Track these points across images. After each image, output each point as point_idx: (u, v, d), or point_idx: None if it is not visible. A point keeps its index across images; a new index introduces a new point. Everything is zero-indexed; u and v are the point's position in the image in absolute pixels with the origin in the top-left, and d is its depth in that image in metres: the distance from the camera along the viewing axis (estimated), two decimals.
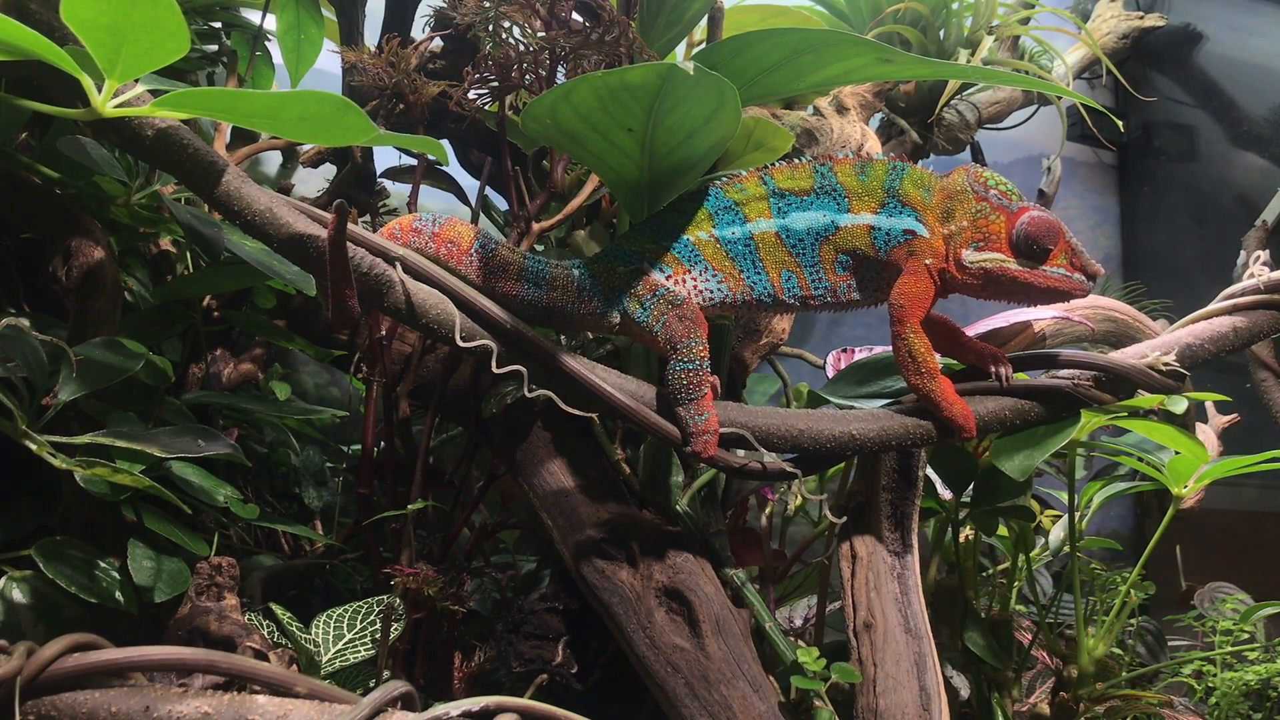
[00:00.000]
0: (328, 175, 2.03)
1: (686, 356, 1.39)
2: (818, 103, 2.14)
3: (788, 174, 1.50)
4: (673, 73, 1.25)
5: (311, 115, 1.18)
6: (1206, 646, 2.38)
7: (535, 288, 1.46)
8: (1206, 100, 3.61)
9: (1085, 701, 1.79)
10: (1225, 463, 1.70)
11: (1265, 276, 1.63)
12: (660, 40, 1.79)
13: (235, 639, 1.41)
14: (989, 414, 1.53)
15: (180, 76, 1.82)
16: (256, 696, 1.11)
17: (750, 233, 1.48)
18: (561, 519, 1.67)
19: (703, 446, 1.40)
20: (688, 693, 1.50)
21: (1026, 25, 2.92)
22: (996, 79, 1.72)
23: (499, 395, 1.71)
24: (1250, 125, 3.46)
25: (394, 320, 1.80)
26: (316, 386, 2.45)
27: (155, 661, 1.13)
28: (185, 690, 1.12)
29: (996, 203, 1.46)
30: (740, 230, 1.49)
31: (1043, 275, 1.45)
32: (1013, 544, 2.01)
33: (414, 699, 1.13)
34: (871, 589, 1.61)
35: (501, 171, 1.85)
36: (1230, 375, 2.87)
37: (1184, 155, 3.67)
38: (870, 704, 1.53)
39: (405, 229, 1.44)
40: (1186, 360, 1.56)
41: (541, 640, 1.69)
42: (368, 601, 1.68)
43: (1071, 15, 3.23)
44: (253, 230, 1.30)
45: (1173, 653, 2.37)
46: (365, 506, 1.81)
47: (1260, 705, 2.29)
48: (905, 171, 1.48)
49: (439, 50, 1.94)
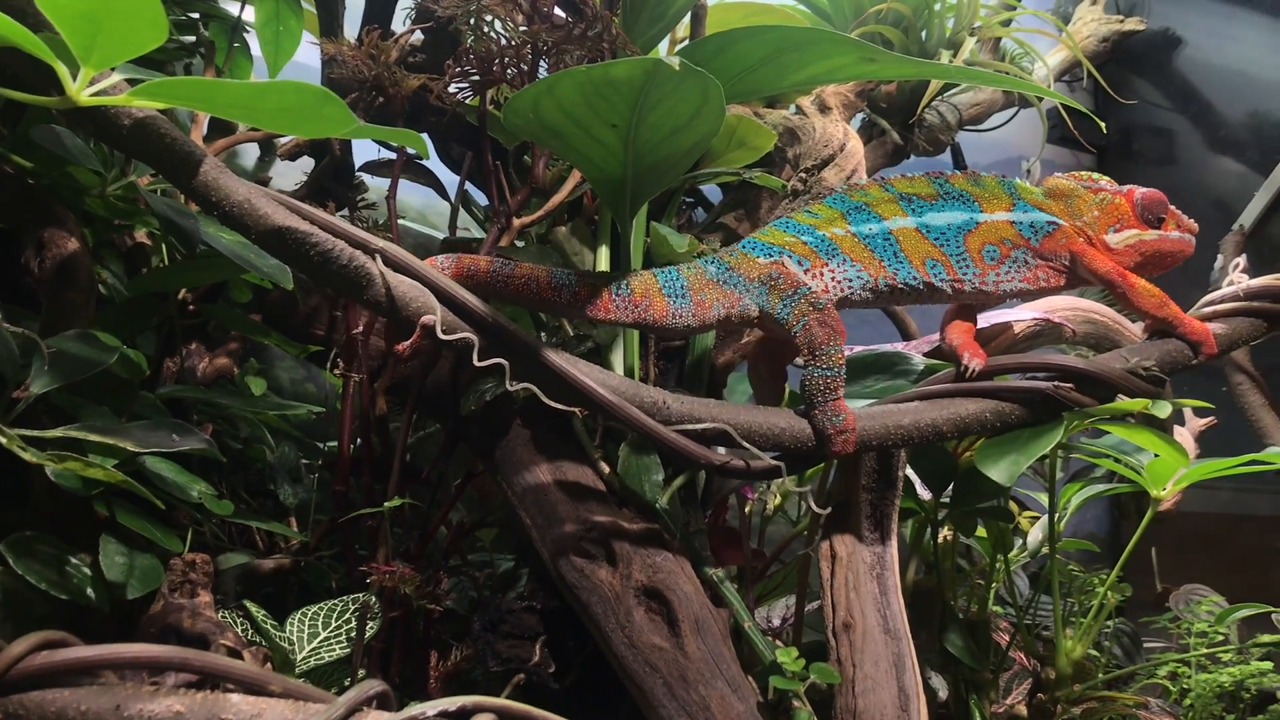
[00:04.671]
0: (305, 168, 2.01)
1: (825, 362, 1.42)
2: (800, 102, 2.13)
3: (906, 183, 1.59)
4: (658, 68, 1.24)
5: (290, 106, 1.16)
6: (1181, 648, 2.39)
7: (682, 300, 1.47)
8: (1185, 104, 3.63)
9: (1062, 703, 1.79)
10: (1204, 465, 1.71)
11: (1245, 284, 1.64)
12: (643, 36, 1.78)
13: (209, 637, 1.39)
14: (970, 416, 1.53)
15: (157, 67, 1.79)
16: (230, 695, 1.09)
17: (888, 229, 1.56)
18: (540, 517, 1.66)
19: (843, 446, 1.45)
20: (666, 692, 1.49)
21: (1008, 27, 2.93)
22: (979, 79, 1.72)
23: (478, 392, 1.70)
24: (1228, 130, 3.48)
25: (372, 314, 1.79)
26: (292, 382, 2.43)
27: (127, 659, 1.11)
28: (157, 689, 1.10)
29: (1110, 188, 1.62)
30: (878, 226, 1.56)
31: (1170, 240, 1.61)
32: (991, 545, 2.01)
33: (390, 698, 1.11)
34: (851, 589, 1.61)
35: (482, 166, 1.84)
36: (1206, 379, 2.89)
37: (1162, 159, 3.69)
38: (849, 704, 1.53)
39: (607, 298, 1.45)
40: (1166, 366, 1.57)
41: (519, 639, 1.68)
42: (343, 599, 1.67)
43: (1053, 17, 3.24)
44: (230, 222, 1.28)
45: (1148, 654, 2.37)
46: (341, 504, 1.80)
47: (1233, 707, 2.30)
48: (1015, 182, 1.62)
49: (420, 43, 1.92)
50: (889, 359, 1.77)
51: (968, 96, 2.96)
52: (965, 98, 2.95)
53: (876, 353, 1.79)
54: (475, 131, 1.85)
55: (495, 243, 1.79)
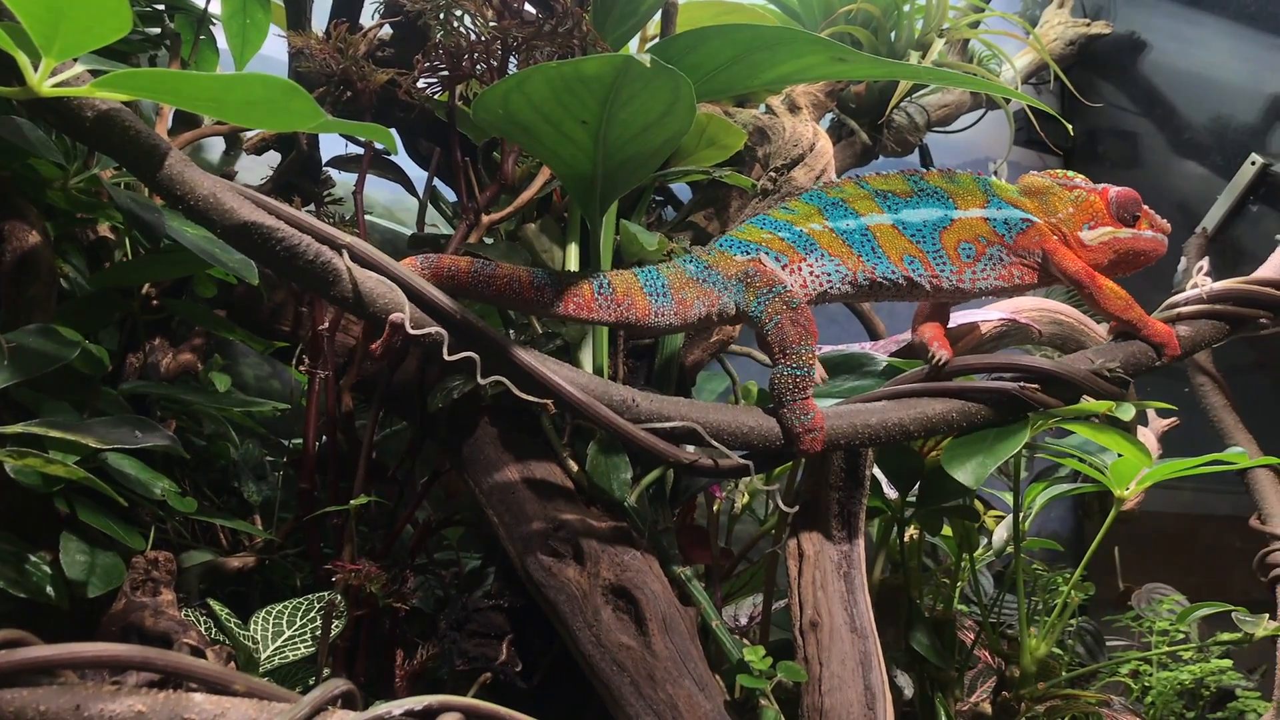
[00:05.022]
0: (272, 163, 1.99)
1: (796, 361, 1.43)
2: (770, 101, 2.13)
3: (882, 180, 1.60)
4: (629, 65, 1.24)
5: (257, 99, 1.15)
6: (1143, 646, 2.42)
7: (664, 299, 1.47)
8: (1149, 108, 3.66)
9: (1027, 701, 1.81)
10: (1167, 465, 1.72)
11: (1209, 287, 1.66)
12: (614, 33, 1.78)
13: (171, 635, 1.37)
14: (937, 416, 1.54)
15: (121, 58, 1.77)
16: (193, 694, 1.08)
17: (865, 225, 1.56)
18: (508, 516, 1.65)
19: (811, 444, 1.45)
20: (633, 691, 1.49)
21: (976, 29, 2.94)
22: (949, 80, 1.73)
23: (445, 390, 1.69)
24: (1191, 134, 3.52)
25: (338, 310, 1.77)
26: (257, 378, 2.41)
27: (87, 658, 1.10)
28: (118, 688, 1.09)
29: (1085, 186, 1.64)
30: (855, 222, 1.56)
31: (1144, 239, 1.63)
32: (957, 544, 2.02)
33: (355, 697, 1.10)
34: (818, 587, 1.61)
35: (450, 162, 1.83)
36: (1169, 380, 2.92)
37: (1127, 162, 3.72)
38: (815, 703, 1.53)
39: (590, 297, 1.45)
40: (1131, 367, 1.58)
41: (485, 638, 1.67)
42: (308, 598, 1.65)
43: (1020, 20, 3.26)
44: (195, 216, 1.26)
45: (1111, 652, 2.40)
46: (306, 501, 1.78)
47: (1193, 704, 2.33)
48: (990, 179, 1.62)
49: (388, 38, 1.91)
50: (857, 359, 1.78)
51: (936, 98, 2.97)
52: (933, 99, 2.96)
53: (845, 353, 1.80)
54: (444, 127, 1.84)
55: (464, 239, 1.78)
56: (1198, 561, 3.24)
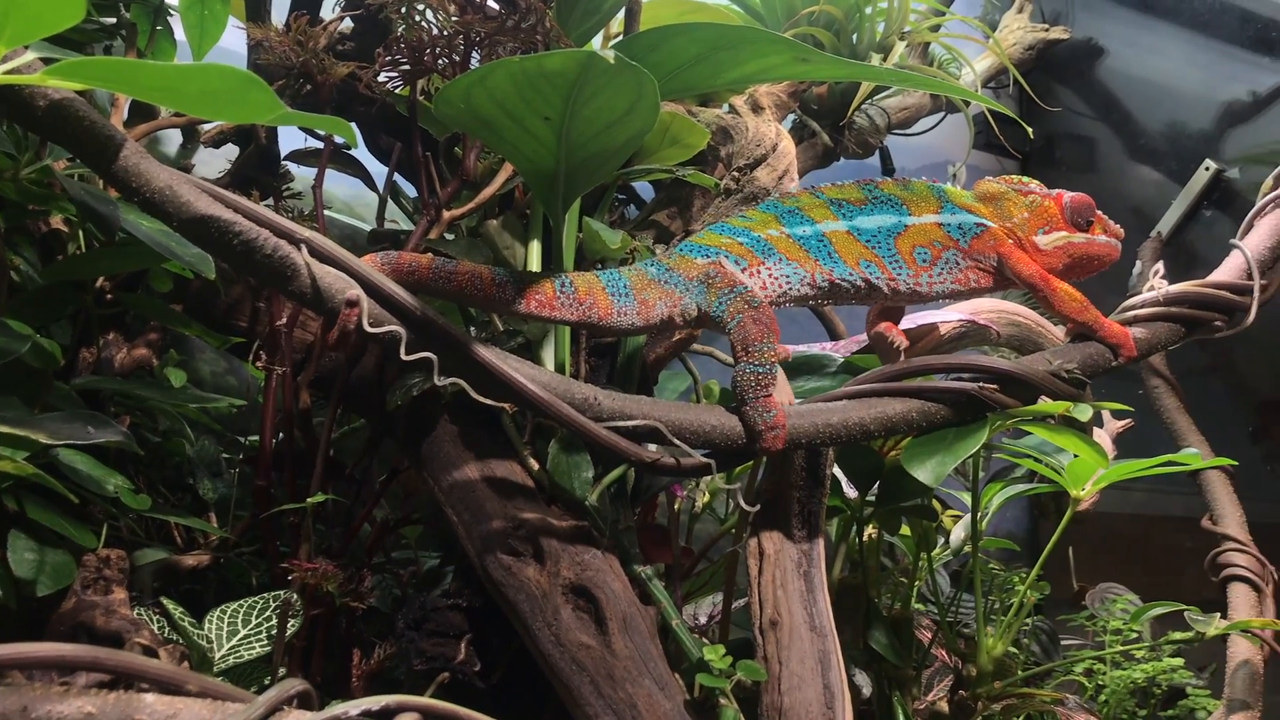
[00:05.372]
0: (230, 156, 1.97)
1: (758, 359, 1.43)
2: (733, 101, 2.14)
3: (836, 189, 1.62)
4: (593, 61, 1.23)
5: (216, 90, 1.13)
6: (1097, 645, 2.44)
7: (626, 299, 1.48)
8: (1106, 113, 3.71)
9: (983, 700, 1.82)
10: (1123, 466, 1.74)
11: (1165, 289, 1.68)
12: (577, 30, 1.77)
13: (123, 635, 1.35)
14: (897, 415, 1.54)
15: (76, 48, 1.73)
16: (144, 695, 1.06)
17: (821, 231, 1.58)
18: (467, 514, 1.64)
19: (773, 442, 1.45)
20: (593, 691, 1.48)
21: (937, 32, 2.97)
22: (911, 83, 1.74)
23: (405, 387, 1.67)
24: (1147, 139, 3.56)
25: (296, 306, 1.75)
26: (213, 374, 2.38)
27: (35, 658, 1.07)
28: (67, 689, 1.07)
29: (1039, 191, 1.65)
30: (811, 229, 1.58)
31: (1098, 244, 1.65)
32: (915, 543, 2.03)
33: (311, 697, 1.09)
34: (778, 586, 1.61)
35: (411, 157, 1.81)
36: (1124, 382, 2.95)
37: (1084, 166, 3.76)
38: (775, 701, 1.53)
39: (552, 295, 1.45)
40: (1088, 369, 1.60)
41: (444, 638, 1.66)
42: (264, 597, 1.63)
43: (980, 24, 3.29)
44: (151, 209, 1.24)
45: (1065, 652, 2.42)
46: (262, 499, 1.76)
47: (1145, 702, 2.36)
48: (945, 185, 1.65)
49: (349, 31, 1.89)
50: (819, 361, 1.78)
51: (896, 100, 2.99)
52: (894, 101, 2.98)
53: (808, 354, 1.81)
54: (405, 122, 1.82)
55: (424, 235, 1.77)
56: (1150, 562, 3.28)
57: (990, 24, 3.70)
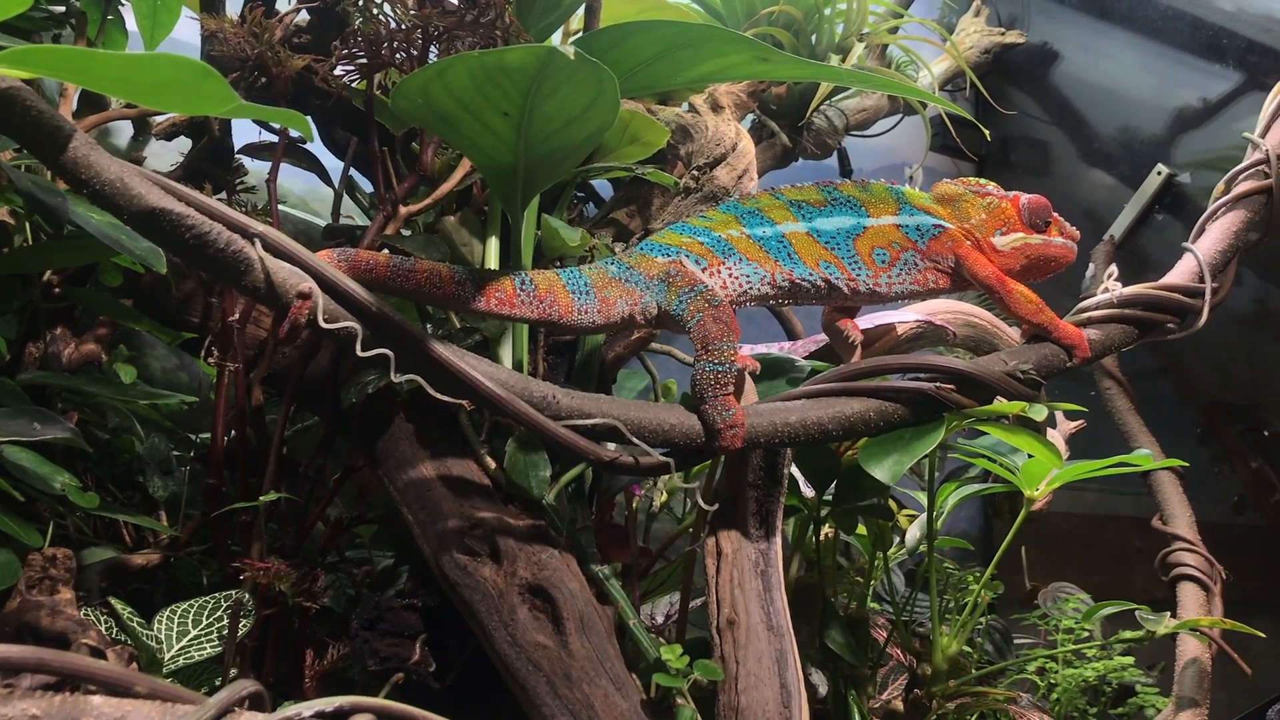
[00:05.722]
0: (182, 149, 1.94)
1: (718, 358, 1.44)
2: (693, 99, 2.13)
3: (796, 191, 1.63)
4: (552, 56, 1.23)
5: (168, 80, 1.11)
6: (1049, 644, 2.47)
7: (587, 297, 1.48)
8: (1060, 117, 3.75)
9: (938, 698, 1.83)
10: (1076, 466, 1.75)
11: (1119, 291, 1.69)
12: (537, 26, 1.77)
13: (69, 635, 1.32)
14: (855, 415, 1.55)
15: (24, 36, 1.70)
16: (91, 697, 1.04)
17: (782, 232, 1.59)
18: (423, 513, 1.63)
19: (731, 440, 1.46)
20: (549, 691, 1.47)
21: (895, 34, 2.98)
22: (870, 84, 1.75)
23: (359, 384, 1.65)
24: (1100, 144, 3.61)
25: (249, 301, 1.73)
26: (164, 370, 2.35)
27: None
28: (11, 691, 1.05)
29: (996, 193, 1.66)
30: (771, 229, 1.59)
31: (1054, 245, 1.66)
32: (871, 542, 2.04)
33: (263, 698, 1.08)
34: (736, 586, 1.61)
35: (368, 152, 1.80)
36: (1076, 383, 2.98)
37: (1038, 169, 3.81)
38: (732, 701, 1.53)
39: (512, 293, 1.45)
40: (1043, 369, 1.61)
41: (398, 638, 1.64)
42: (215, 596, 1.61)
43: (938, 27, 3.31)
44: (101, 201, 1.22)
45: (1018, 650, 2.44)
46: (214, 498, 1.74)
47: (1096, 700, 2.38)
48: (903, 188, 1.66)
49: (305, 24, 1.87)
50: (781, 364, 1.79)
51: (855, 102, 3.01)
52: (852, 103, 3.00)
53: (771, 356, 1.81)
54: (361, 116, 1.80)
55: (380, 231, 1.75)
56: (1101, 561, 3.32)
57: (947, 27, 3.73)
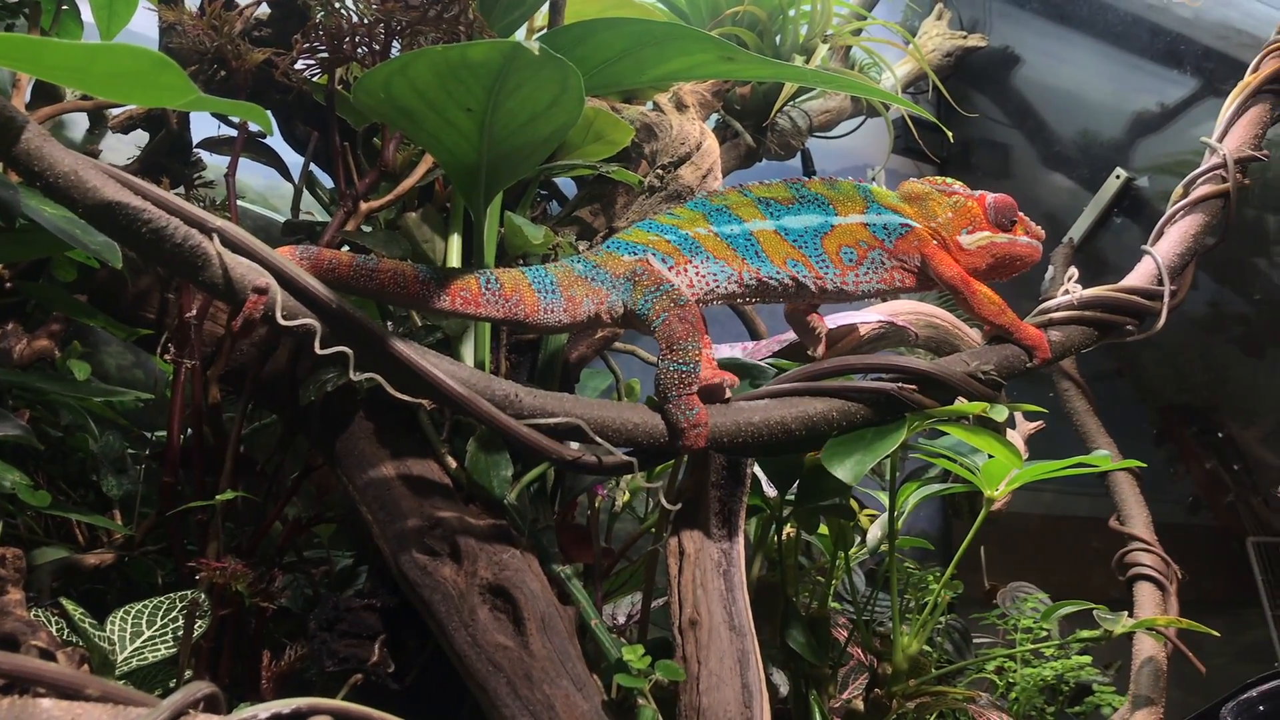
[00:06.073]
0: (139, 142, 1.91)
1: (682, 357, 1.43)
2: (657, 98, 2.13)
3: (764, 188, 1.62)
4: (517, 52, 1.22)
5: (125, 71, 1.09)
6: (1008, 644, 2.48)
7: (553, 296, 1.46)
8: (1021, 121, 3.79)
9: (898, 698, 1.83)
10: (1037, 467, 1.76)
11: (1079, 293, 1.71)
12: (501, 22, 1.76)
13: (19, 637, 1.29)
14: (818, 415, 1.55)
15: None
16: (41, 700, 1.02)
17: (749, 230, 1.58)
18: (382, 513, 1.61)
19: (695, 439, 1.45)
20: (509, 692, 1.46)
21: (859, 36, 2.99)
22: (834, 85, 1.76)
23: (319, 382, 1.63)
24: (1060, 147, 3.64)
25: (207, 297, 1.71)
26: (119, 367, 2.31)
27: None
28: None
29: (963, 192, 1.67)
30: (739, 227, 1.58)
31: (1020, 244, 1.66)
32: (832, 542, 2.04)
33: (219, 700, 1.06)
34: (698, 586, 1.61)
35: (329, 147, 1.78)
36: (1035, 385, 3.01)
37: (998, 172, 3.84)
38: (694, 701, 1.52)
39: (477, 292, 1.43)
40: (1004, 370, 1.62)
41: (357, 638, 1.63)
42: (170, 597, 1.58)
43: (901, 29, 3.33)
44: (55, 194, 1.19)
45: (977, 650, 2.46)
46: (169, 496, 1.71)
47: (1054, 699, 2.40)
48: (870, 186, 1.66)
49: (266, 17, 1.84)
50: (747, 368, 1.79)
51: (818, 103, 3.02)
52: (816, 104, 3.01)
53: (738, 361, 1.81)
54: (322, 111, 1.78)
55: (341, 227, 1.73)
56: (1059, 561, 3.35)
57: (910, 30, 3.75)
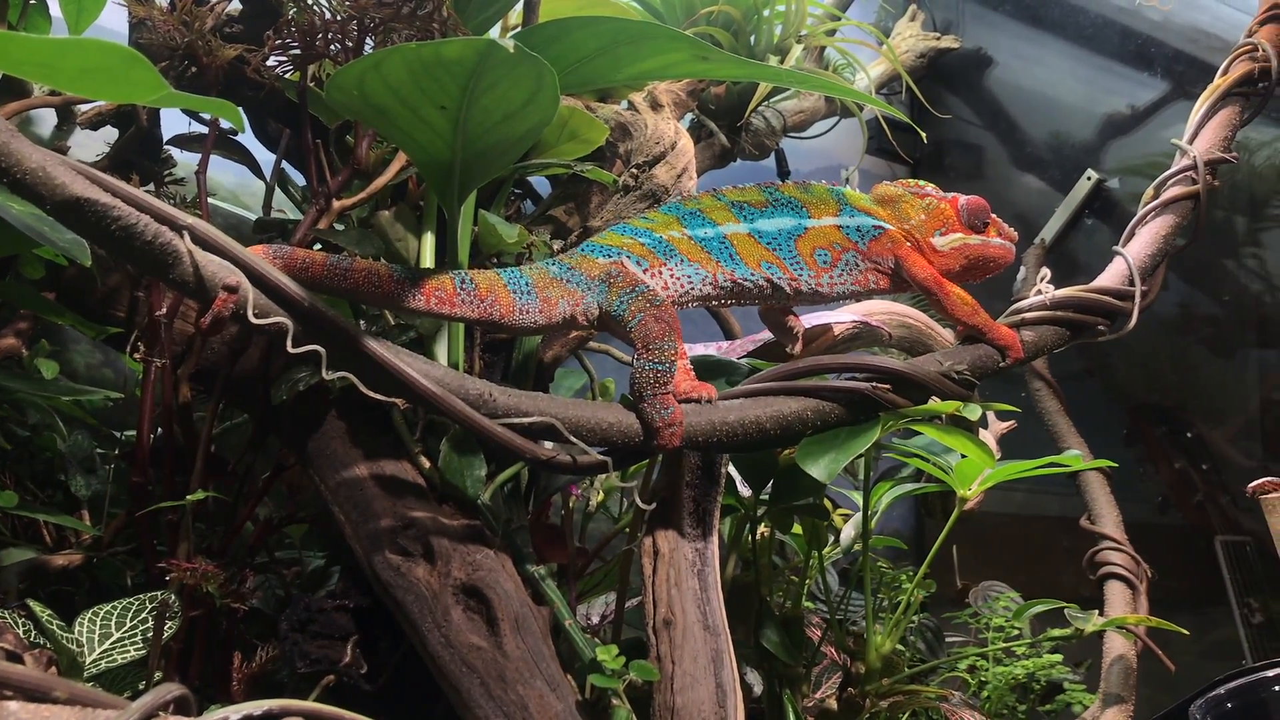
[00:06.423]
0: (108, 139, 1.89)
1: (657, 357, 1.44)
2: (632, 97, 2.13)
3: (737, 192, 1.63)
4: (491, 49, 1.21)
5: (95, 67, 1.08)
6: (980, 643, 2.50)
7: (529, 297, 1.46)
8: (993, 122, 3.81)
9: (871, 697, 1.84)
10: (1009, 466, 1.77)
11: (1052, 294, 1.72)
12: (475, 19, 1.75)
13: None
14: (792, 414, 1.55)
15: None
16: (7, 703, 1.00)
17: (723, 233, 1.59)
18: (355, 513, 1.60)
19: (670, 439, 1.46)
20: (483, 693, 1.46)
21: (833, 36, 3.00)
22: (809, 85, 1.76)
23: (291, 381, 1.62)
24: (1032, 148, 3.67)
25: (177, 296, 1.69)
26: (88, 366, 2.29)
27: None
28: None
29: (935, 194, 1.68)
30: (713, 230, 1.59)
31: (993, 246, 1.68)
32: (806, 541, 2.05)
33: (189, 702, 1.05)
34: (672, 585, 1.60)
35: (301, 145, 1.76)
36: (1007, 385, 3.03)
37: (971, 173, 3.86)
38: (668, 701, 1.52)
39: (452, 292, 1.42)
40: (978, 370, 1.63)
41: (329, 639, 1.62)
42: (140, 598, 1.57)
43: (875, 30, 3.34)
44: (22, 191, 1.18)
45: (949, 649, 2.47)
46: (139, 496, 1.70)
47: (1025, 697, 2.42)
48: (843, 189, 1.67)
49: (237, 13, 1.83)
50: (723, 366, 1.79)
51: (792, 104, 3.02)
52: (790, 104, 3.01)
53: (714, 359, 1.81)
54: (294, 108, 1.77)
55: (313, 225, 1.72)
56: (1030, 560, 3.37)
57: (884, 31, 3.76)
